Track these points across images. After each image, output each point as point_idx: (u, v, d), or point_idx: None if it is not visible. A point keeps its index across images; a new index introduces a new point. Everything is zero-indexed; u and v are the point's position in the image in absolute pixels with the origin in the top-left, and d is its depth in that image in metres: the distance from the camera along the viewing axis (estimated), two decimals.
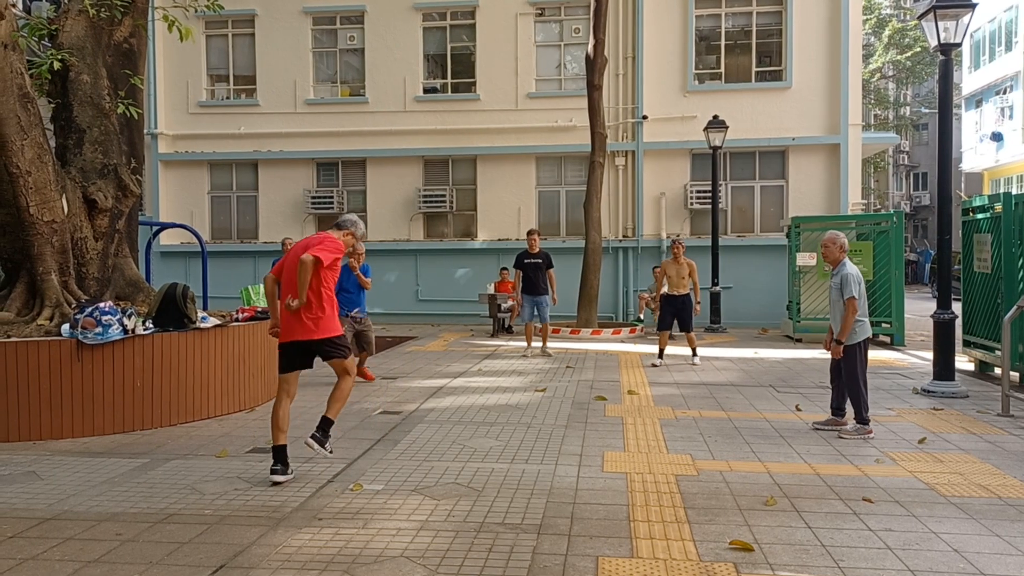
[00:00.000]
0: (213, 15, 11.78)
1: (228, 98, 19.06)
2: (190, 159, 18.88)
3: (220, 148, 18.76)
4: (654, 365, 11.03)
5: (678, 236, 11.39)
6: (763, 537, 4.39)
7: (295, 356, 5.64)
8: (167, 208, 18.83)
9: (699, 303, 11.55)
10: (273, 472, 5.45)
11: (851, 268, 6.95)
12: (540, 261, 12.10)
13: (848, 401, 6.99)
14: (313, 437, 5.62)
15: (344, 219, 5.95)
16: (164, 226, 15.88)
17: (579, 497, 5.12)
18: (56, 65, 8.17)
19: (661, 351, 11.30)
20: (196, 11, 9.51)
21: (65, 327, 7.02)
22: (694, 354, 11.37)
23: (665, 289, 11.39)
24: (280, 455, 5.50)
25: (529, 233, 12.41)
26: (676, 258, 11.27)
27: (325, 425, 5.68)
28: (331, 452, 5.75)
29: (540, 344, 12.51)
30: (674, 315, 11.33)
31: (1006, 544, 4.31)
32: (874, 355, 12.12)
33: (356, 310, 9.29)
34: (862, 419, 6.87)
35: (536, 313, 12.21)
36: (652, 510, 4.85)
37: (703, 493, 5.20)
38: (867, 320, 6.97)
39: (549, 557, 4.11)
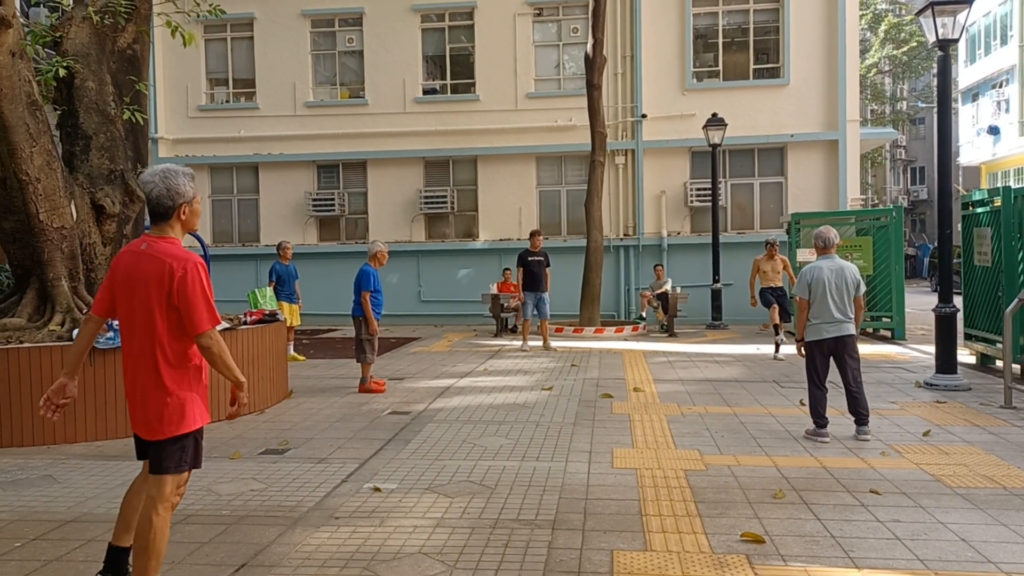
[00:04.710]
0: (213, 19, 11.84)
1: (228, 102, 19.12)
2: (191, 163, 18.85)
3: (220, 152, 18.81)
4: (777, 352, 11.61)
5: (773, 238, 12.28)
6: (773, 529, 4.47)
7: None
8: None
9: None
10: None
11: (808, 267, 6.76)
12: (542, 259, 12.66)
13: (862, 403, 6.68)
14: None
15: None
16: None
17: (591, 493, 5.19)
18: (62, 72, 8.21)
19: (776, 326, 11.90)
20: (198, 16, 9.56)
21: (76, 332, 7.07)
22: (776, 331, 11.93)
23: (758, 283, 12.23)
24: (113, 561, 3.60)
25: (535, 233, 13.04)
26: (771, 256, 12.10)
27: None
28: None
29: (540, 342, 12.89)
30: (775, 300, 12.04)
31: (1012, 533, 4.39)
32: (876, 349, 12.26)
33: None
34: (815, 422, 6.70)
35: (536, 310, 12.75)
36: (663, 504, 4.92)
37: (712, 487, 5.27)
38: (818, 324, 6.70)
39: (565, 551, 4.18)
